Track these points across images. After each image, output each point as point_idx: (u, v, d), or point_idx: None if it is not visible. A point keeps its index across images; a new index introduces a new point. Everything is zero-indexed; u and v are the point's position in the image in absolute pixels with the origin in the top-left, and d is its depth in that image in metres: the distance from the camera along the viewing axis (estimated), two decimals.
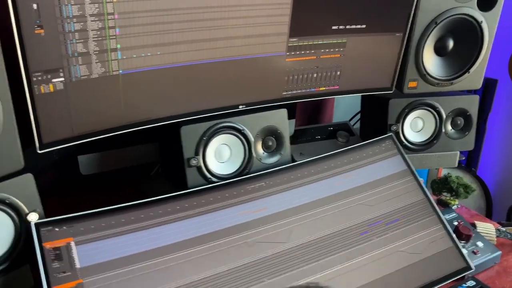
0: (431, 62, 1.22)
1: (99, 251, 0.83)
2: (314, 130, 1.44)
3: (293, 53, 1.04)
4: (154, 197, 0.93)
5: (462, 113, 1.30)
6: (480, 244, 1.15)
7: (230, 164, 1.07)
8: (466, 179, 1.96)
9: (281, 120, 1.10)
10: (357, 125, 1.49)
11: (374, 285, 0.96)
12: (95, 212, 0.86)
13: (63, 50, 0.77)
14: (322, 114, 1.63)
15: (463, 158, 1.52)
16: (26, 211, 0.81)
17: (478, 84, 1.28)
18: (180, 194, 0.96)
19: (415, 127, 1.30)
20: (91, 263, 0.81)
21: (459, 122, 1.31)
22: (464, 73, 1.24)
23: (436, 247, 1.05)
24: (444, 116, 1.28)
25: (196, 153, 1.00)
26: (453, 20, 1.17)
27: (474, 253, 1.12)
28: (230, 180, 1.03)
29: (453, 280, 1.03)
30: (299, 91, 1.11)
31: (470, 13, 1.16)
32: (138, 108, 0.91)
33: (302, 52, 1.05)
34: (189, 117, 0.99)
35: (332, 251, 0.98)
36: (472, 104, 1.30)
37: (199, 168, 1.01)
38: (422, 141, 1.30)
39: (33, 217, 0.81)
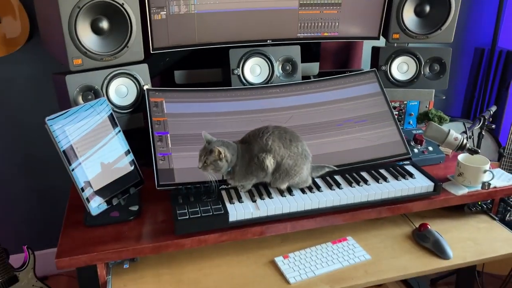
0: (411, 20, 1.72)
1: (176, 107, 1.54)
2: (335, 73, 2.00)
3: (303, 8, 1.65)
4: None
5: (437, 60, 1.78)
6: (430, 148, 1.64)
7: (259, 77, 1.71)
8: (488, 141, 2.37)
9: (295, 53, 1.72)
10: None
11: (338, 154, 1.54)
12: (177, 89, 1.58)
13: None
14: (351, 62, 2.17)
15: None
16: (143, 83, 1.55)
17: (450, 39, 1.74)
18: (227, 88, 1.64)
19: (401, 69, 1.81)
20: (172, 111, 1.52)
21: (435, 68, 1.79)
22: (437, 30, 1.72)
23: (387, 138, 1.58)
24: (423, 62, 1.77)
25: (238, 66, 1.67)
26: None
27: (423, 152, 1.62)
28: (257, 85, 1.68)
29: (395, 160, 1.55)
30: (308, 34, 1.71)
31: None
32: (204, 35, 1.60)
33: (310, 8, 1.66)
34: (235, 44, 1.65)
35: (315, 132, 1.58)
36: (446, 54, 1.77)
37: (239, 76, 1.68)
38: (405, 79, 1.81)
39: (146, 86, 1.55)
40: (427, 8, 1.71)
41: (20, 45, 1.65)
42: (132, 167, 1.37)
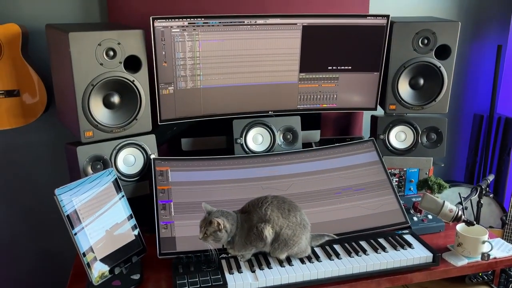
0: (406, 92, 1.81)
1: (181, 176, 1.60)
2: (335, 140, 2.07)
3: (302, 82, 1.75)
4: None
5: (434, 129, 1.84)
6: (430, 216, 1.66)
7: (261, 146, 1.79)
8: (493, 206, 2.38)
9: (296, 123, 1.80)
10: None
11: (337, 222, 1.56)
12: (182, 158, 1.65)
13: (174, 73, 1.61)
14: (352, 128, 2.24)
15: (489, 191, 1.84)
16: (149, 152, 1.63)
17: (445, 110, 1.81)
18: (229, 156, 1.71)
19: (399, 138, 1.87)
20: (176, 180, 1.58)
21: (432, 137, 1.85)
22: (432, 101, 1.80)
23: (386, 207, 1.61)
24: (420, 131, 1.84)
25: (241, 136, 1.75)
26: (417, 65, 1.76)
27: (423, 220, 1.64)
28: (259, 154, 1.74)
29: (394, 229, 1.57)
30: (308, 105, 1.80)
31: (430, 61, 1.75)
32: (209, 107, 1.70)
33: (308, 81, 1.76)
34: (238, 115, 1.74)
35: (315, 200, 1.62)
36: (442, 124, 1.83)
37: (242, 145, 1.75)
38: (404, 148, 1.86)
39: (153, 156, 1.63)
40: (421, 81, 1.80)
41: (37, 116, 1.76)
42: (135, 235, 1.42)
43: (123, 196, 1.43)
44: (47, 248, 2.08)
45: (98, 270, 1.28)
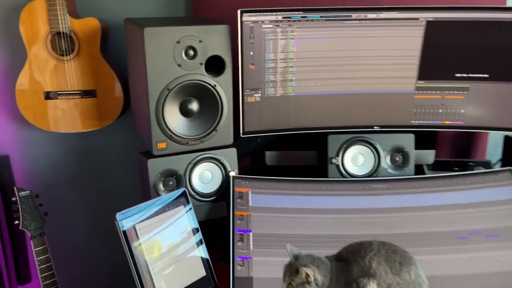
0: None
1: (263, 200, 1.34)
2: (454, 163, 1.68)
3: (420, 92, 1.40)
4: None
5: None
6: None
7: (362, 168, 1.46)
8: None
9: (408, 143, 1.45)
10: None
11: (459, 279, 1.20)
12: (266, 178, 1.39)
13: (262, 78, 1.35)
14: (474, 150, 1.82)
15: None
16: (229, 168, 1.40)
17: None
18: (323, 179, 1.41)
19: None
20: (257, 204, 1.33)
21: None
22: None
23: None
24: None
25: (337, 155, 1.44)
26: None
27: None
28: (360, 178, 1.42)
29: None
30: (425, 121, 1.43)
31: None
32: (301, 118, 1.42)
33: (428, 91, 1.40)
34: (335, 129, 1.44)
35: (429, 245, 1.26)
36: None
37: (337, 166, 1.45)
38: None
39: (232, 173, 1.39)
40: None
41: (113, 120, 1.62)
42: (206, 270, 1.19)
43: (190, 209, 1.21)
44: (118, 258, 1.95)
45: None
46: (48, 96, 1.56)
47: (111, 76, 1.57)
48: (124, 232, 1.07)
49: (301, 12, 1.30)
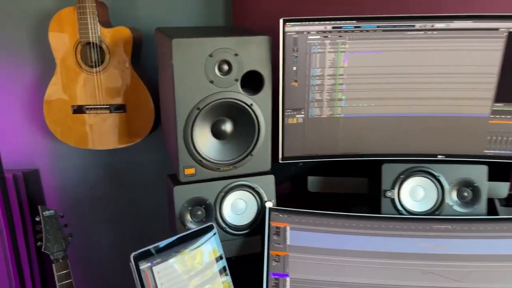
0: None
1: (303, 238, 1.16)
2: None
3: (497, 116, 1.16)
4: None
5: None
6: None
7: (423, 204, 1.24)
8: None
9: (480, 176, 1.21)
10: None
11: None
12: (307, 211, 1.21)
13: (306, 97, 1.17)
14: None
15: None
16: (265, 198, 1.22)
17: None
18: (375, 216, 1.21)
19: None
20: (297, 243, 1.15)
21: None
22: None
23: None
24: None
25: (393, 187, 1.23)
26: None
27: None
28: (419, 216, 1.21)
29: None
30: (502, 151, 1.19)
31: None
32: (351, 144, 1.22)
33: (508, 116, 1.16)
34: (391, 157, 1.23)
35: None
36: None
37: (393, 201, 1.24)
38: None
39: (269, 204, 1.21)
40: None
41: (143, 136, 1.50)
42: None
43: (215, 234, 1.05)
44: None
45: None
46: (76, 110, 1.46)
47: (143, 90, 1.44)
48: (139, 274, 0.92)
49: (354, 21, 1.11)
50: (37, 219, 1.37)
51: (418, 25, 1.10)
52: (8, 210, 1.58)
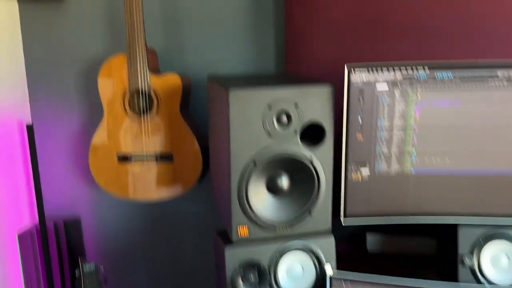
0: None
1: None
2: None
3: None
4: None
5: None
6: None
7: (507, 274, 1.08)
8: None
9: None
10: None
11: None
12: (374, 281, 1.07)
13: (372, 150, 1.06)
14: None
15: None
16: (324, 262, 1.10)
17: None
18: (451, 284, 1.06)
19: None
20: None
21: None
22: None
23: None
24: None
25: (471, 253, 1.08)
26: None
27: None
28: None
29: None
30: None
31: None
32: (422, 202, 1.09)
33: None
34: (469, 216, 1.09)
35: None
36: None
37: (471, 269, 1.08)
38: None
39: (329, 270, 1.09)
40: None
41: (189, 188, 1.42)
42: None
43: None
44: None
45: None
46: (121, 158, 1.40)
47: (191, 139, 1.38)
48: None
49: (428, 69, 1.00)
50: (76, 272, 1.30)
51: (500, 73, 0.99)
52: (47, 260, 1.51)
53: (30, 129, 1.42)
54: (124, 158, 1.40)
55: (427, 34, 1.20)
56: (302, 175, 1.06)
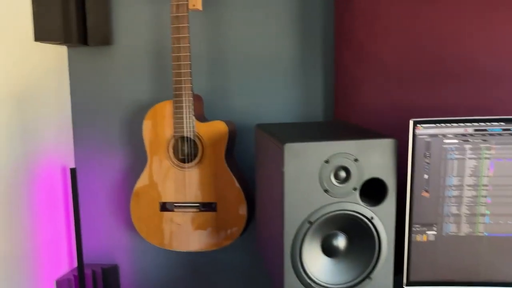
0: None
1: None
2: None
3: None
4: None
5: None
6: None
7: None
8: None
9: None
10: None
11: None
12: None
13: (439, 210, 0.96)
14: None
15: None
16: None
17: None
18: None
19: None
20: None
21: None
22: None
23: None
24: None
25: None
26: None
27: None
28: None
29: None
30: None
31: None
32: (496, 269, 0.98)
33: None
34: None
35: None
36: None
37: None
38: None
39: None
40: None
41: (233, 239, 1.35)
42: None
43: None
44: None
45: None
46: (163, 207, 1.36)
47: (235, 188, 1.32)
48: None
49: (503, 123, 0.92)
50: None
51: None
52: None
53: (73, 172, 1.40)
54: (166, 207, 1.35)
55: (488, 78, 1.11)
56: (361, 235, 0.97)
